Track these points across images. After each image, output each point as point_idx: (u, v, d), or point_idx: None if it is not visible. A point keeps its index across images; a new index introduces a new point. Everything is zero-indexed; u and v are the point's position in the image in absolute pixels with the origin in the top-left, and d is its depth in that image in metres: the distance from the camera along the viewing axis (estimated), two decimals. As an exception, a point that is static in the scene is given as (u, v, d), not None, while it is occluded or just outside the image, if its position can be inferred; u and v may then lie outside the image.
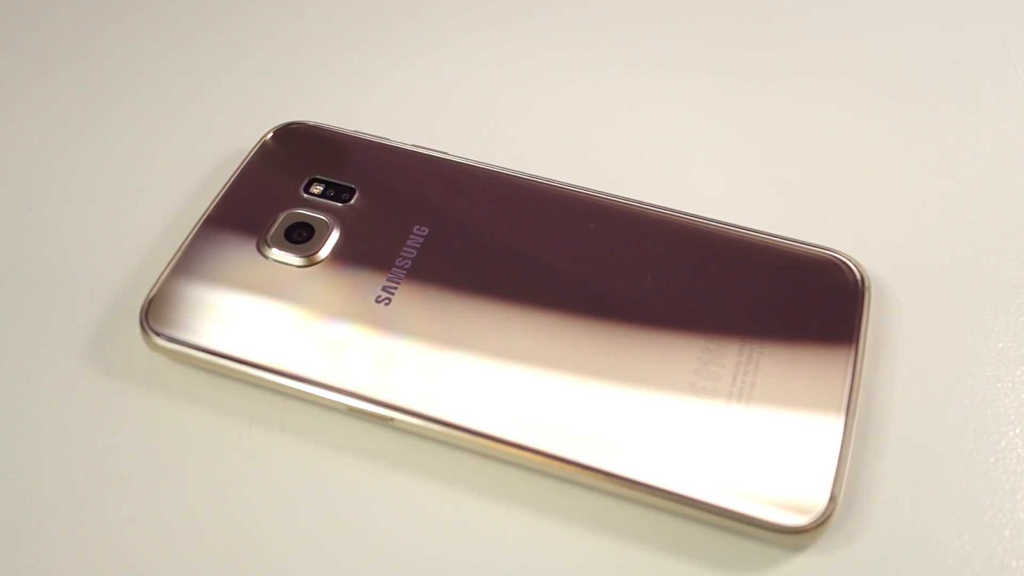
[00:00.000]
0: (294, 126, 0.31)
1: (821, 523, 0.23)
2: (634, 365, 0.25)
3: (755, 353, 0.26)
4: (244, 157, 0.30)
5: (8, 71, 0.35)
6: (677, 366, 0.25)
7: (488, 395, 0.25)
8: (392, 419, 0.25)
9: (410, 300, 0.27)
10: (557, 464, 0.24)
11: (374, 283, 0.27)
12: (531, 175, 0.30)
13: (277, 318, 0.27)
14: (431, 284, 0.27)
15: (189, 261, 0.28)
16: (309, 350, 0.26)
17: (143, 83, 0.35)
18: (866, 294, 0.27)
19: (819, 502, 0.23)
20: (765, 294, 0.27)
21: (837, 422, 0.24)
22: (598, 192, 0.29)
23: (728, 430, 0.24)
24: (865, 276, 0.27)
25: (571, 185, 0.29)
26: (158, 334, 0.26)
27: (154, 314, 0.27)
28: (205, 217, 0.29)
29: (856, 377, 0.25)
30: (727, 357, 0.26)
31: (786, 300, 0.27)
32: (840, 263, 0.27)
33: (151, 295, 0.27)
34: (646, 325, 0.26)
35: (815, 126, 0.33)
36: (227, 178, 0.30)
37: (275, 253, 0.28)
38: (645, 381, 0.25)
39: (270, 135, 0.31)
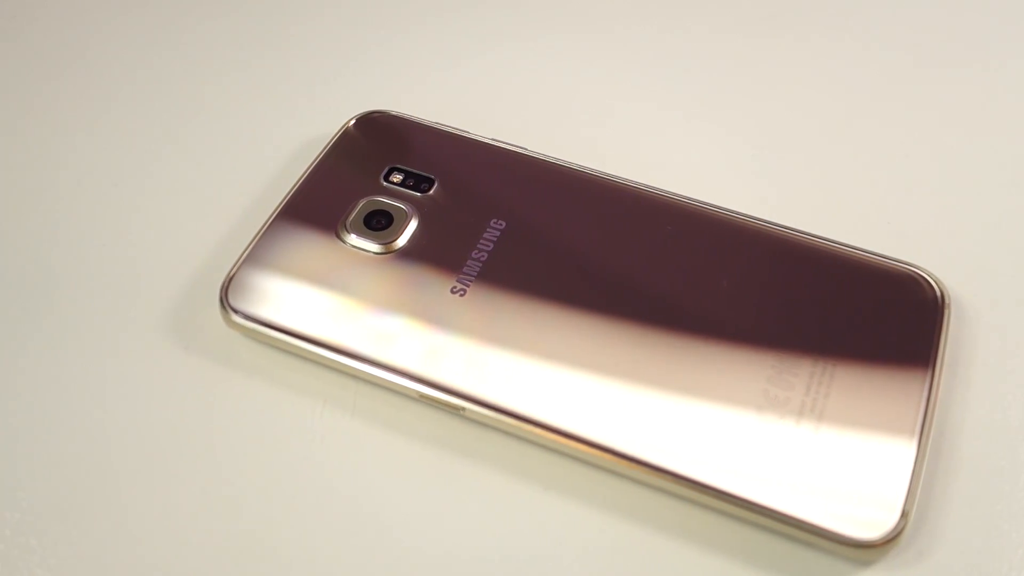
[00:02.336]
0: (376, 115, 0.32)
1: (891, 539, 0.23)
2: (706, 369, 0.25)
3: (830, 364, 0.25)
4: (326, 143, 0.31)
5: (99, 49, 0.36)
6: (750, 373, 0.25)
7: (558, 390, 0.25)
8: (463, 408, 0.25)
9: (485, 292, 0.27)
10: (625, 463, 0.24)
11: (450, 273, 0.27)
12: (610, 175, 0.30)
13: (352, 302, 0.27)
14: (506, 278, 0.27)
15: (269, 242, 0.28)
16: (383, 335, 0.26)
17: (231, 67, 0.35)
18: (945, 311, 0.26)
19: (890, 518, 0.23)
20: (842, 305, 0.27)
21: (911, 439, 0.24)
22: (676, 195, 0.29)
23: (800, 440, 0.24)
24: (945, 292, 0.27)
25: (649, 186, 0.29)
26: (236, 312, 0.27)
27: (233, 292, 0.27)
28: (286, 200, 0.29)
29: (932, 394, 0.25)
30: (801, 367, 0.25)
31: (863, 313, 0.27)
32: (920, 278, 0.27)
33: (231, 274, 0.28)
34: (720, 330, 0.26)
35: (898, 136, 0.32)
36: (309, 163, 0.30)
37: (353, 239, 0.28)
38: (717, 385, 0.25)
39: (352, 122, 0.31)
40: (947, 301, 0.27)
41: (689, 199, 0.29)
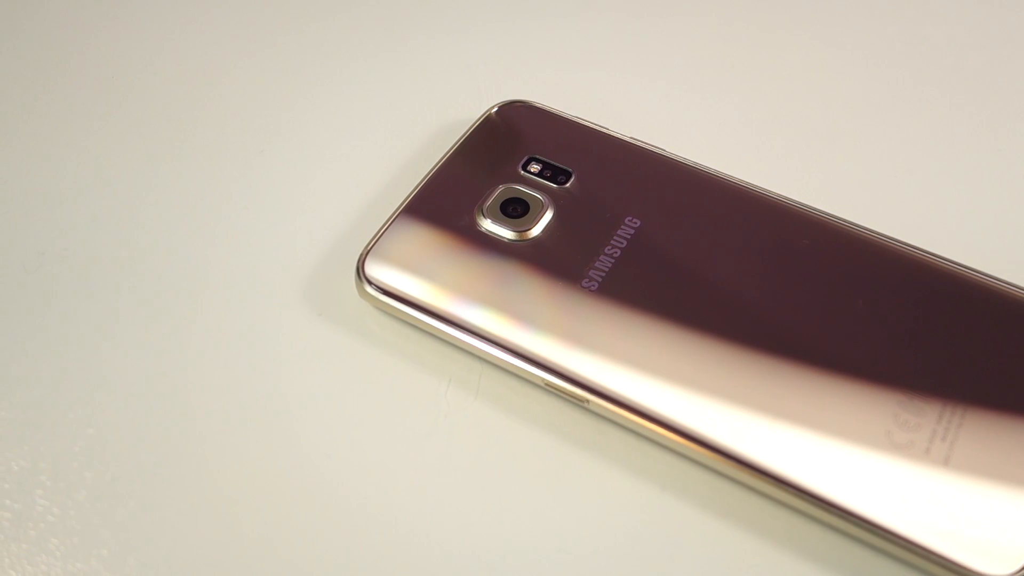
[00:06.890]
0: (518, 104, 0.32)
1: (1017, 579, 0.22)
2: (836, 384, 0.25)
3: (965, 392, 0.25)
4: (467, 128, 0.31)
5: (253, 22, 0.37)
6: (881, 396, 0.25)
7: (685, 392, 0.25)
8: (587, 400, 0.25)
9: (616, 288, 0.27)
10: (747, 472, 0.24)
11: (581, 266, 0.28)
12: (750, 183, 0.30)
13: (484, 286, 0.27)
14: (637, 276, 0.27)
15: (406, 220, 0.29)
16: (512, 321, 0.27)
17: (383, 46, 0.36)
18: (1089, 353, 0.26)
19: (1018, 557, 0.22)
20: (981, 335, 0.26)
21: (1046, 480, 0.23)
22: (815, 209, 0.29)
23: (930, 470, 0.24)
24: (1090, 334, 0.26)
25: (789, 199, 0.29)
26: (371, 283, 0.28)
27: (370, 264, 0.28)
28: (425, 181, 0.30)
29: (1071, 437, 0.24)
30: (935, 393, 0.25)
31: (1004, 344, 0.26)
32: (1063, 316, 0.26)
33: (369, 246, 0.28)
34: (852, 348, 0.26)
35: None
36: (449, 146, 0.31)
37: (488, 224, 0.29)
38: (847, 402, 0.25)
39: (495, 109, 0.32)
40: (1092, 343, 0.26)
41: (828, 214, 0.29)
